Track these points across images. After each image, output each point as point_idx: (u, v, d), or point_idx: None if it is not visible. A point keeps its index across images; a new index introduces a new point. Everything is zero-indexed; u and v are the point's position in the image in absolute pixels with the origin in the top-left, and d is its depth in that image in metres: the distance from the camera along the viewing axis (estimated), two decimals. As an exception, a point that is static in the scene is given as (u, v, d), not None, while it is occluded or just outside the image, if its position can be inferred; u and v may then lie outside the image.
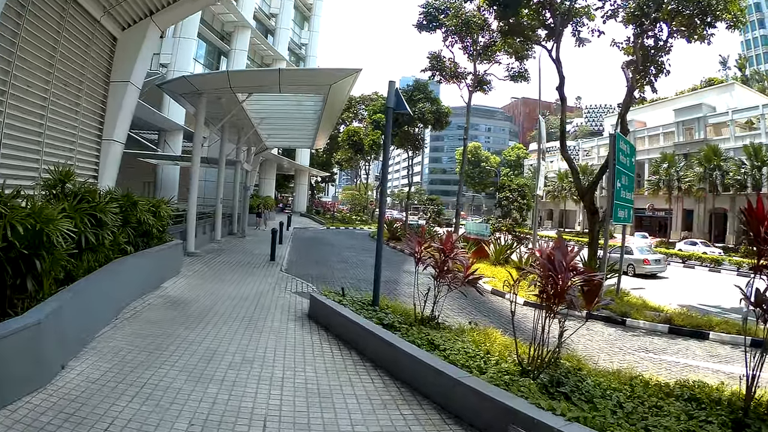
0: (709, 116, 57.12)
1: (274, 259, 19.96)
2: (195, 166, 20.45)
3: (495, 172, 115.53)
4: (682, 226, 57.70)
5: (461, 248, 10.52)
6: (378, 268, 11.08)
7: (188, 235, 19.47)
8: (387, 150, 10.98)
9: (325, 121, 26.87)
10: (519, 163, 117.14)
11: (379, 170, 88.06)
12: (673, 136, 60.18)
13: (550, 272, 6.41)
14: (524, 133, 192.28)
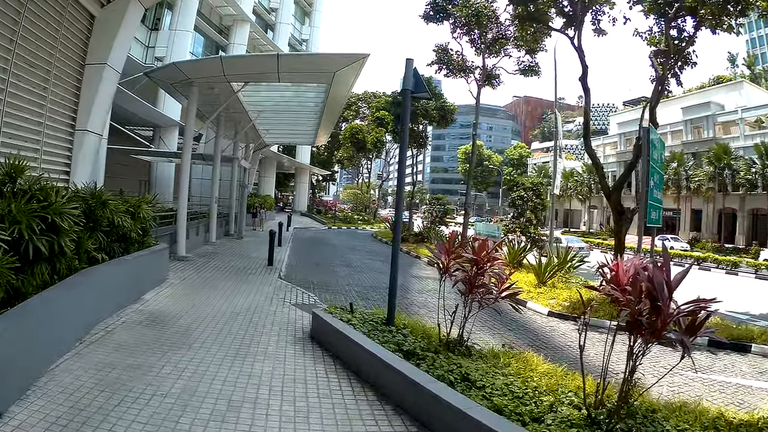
0: (718, 115, 56.10)
1: (272, 264, 18.25)
2: (185, 162, 18.80)
3: (497, 171, 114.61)
4: (691, 227, 56.65)
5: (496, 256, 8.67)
6: (394, 281, 9.35)
7: (178, 238, 17.80)
8: (405, 142, 9.26)
9: (327, 115, 25.19)
10: (522, 162, 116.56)
11: (382, 169, 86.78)
12: (681, 135, 59.15)
13: (647, 297, 4.67)
14: (526, 132, 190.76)
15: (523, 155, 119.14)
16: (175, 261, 17.17)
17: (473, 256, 8.13)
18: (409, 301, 15.10)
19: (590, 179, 70.22)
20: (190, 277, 14.66)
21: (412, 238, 33.87)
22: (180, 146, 33.80)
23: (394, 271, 9.27)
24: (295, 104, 26.03)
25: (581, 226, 73.89)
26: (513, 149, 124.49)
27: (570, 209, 79.04)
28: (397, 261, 9.38)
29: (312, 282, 16.86)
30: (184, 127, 19.32)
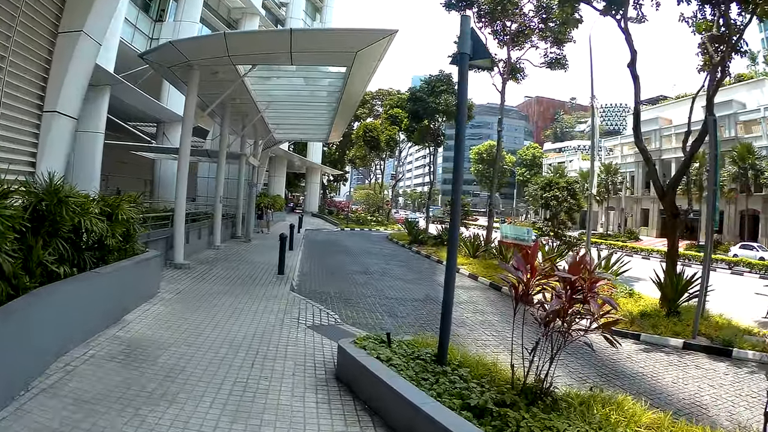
0: (740, 113, 54.50)
1: (282, 273, 15.96)
2: (183, 157, 16.48)
3: (510, 172, 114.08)
4: None
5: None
6: (447, 310, 7.09)
7: (175, 243, 15.55)
8: (462, 119, 6.96)
9: (343, 108, 22.84)
10: (535, 163, 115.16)
11: (395, 168, 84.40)
12: None
13: None
14: (539, 132, 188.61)
15: (536, 155, 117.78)
16: (171, 269, 14.95)
17: (568, 274, 5.78)
18: None
19: (608, 179, 68.88)
20: (186, 290, 12.35)
21: (431, 240, 31.97)
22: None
23: (448, 296, 7.05)
24: (307, 94, 23.94)
25: (598, 227, 71.26)
26: (526, 149, 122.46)
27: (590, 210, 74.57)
28: (453, 284, 7.11)
29: (329, 294, 14.62)
30: (183, 118, 16.95)
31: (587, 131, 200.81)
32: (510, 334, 11.50)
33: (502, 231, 25.46)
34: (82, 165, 21.43)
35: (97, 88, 22.33)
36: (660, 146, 63.21)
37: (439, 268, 22.75)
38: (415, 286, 17.45)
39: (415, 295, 15.53)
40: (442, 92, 42.30)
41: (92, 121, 22.04)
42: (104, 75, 21.05)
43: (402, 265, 22.98)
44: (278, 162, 54.57)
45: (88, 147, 21.93)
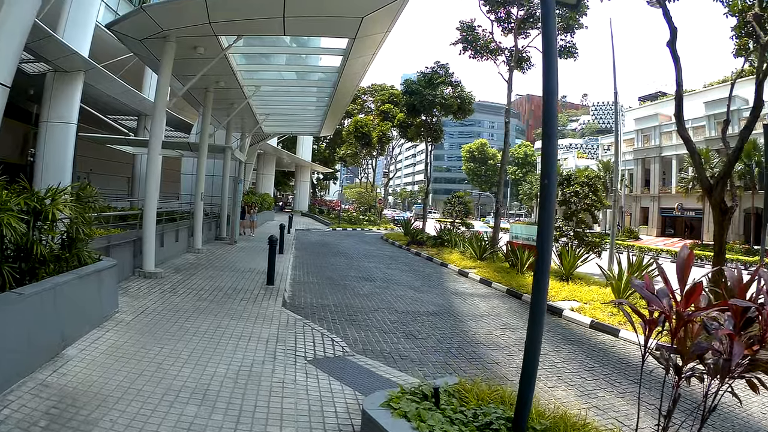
0: (743, 109, 51.37)
1: (272, 283, 13.48)
2: (154, 148, 14.02)
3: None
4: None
5: None
6: (533, 355, 4.57)
7: (144, 247, 13.02)
8: (552, 83, 4.58)
9: (341, 93, 20.44)
10: (527, 161, 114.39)
11: (387, 166, 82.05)
12: (704, 131, 55.39)
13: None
14: (530, 130, 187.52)
15: (528, 154, 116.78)
16: (139, 279, 12.49)
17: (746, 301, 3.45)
18: (472, 337, 10.51)
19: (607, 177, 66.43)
20: (153, 309, 9.87)
21: (431, 241, 30.00)
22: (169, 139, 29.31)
23: (533, 345, 4.55)
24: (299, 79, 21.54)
25: (596, 226, 69.15)
26: (518, 148, 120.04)
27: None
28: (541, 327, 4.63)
29: (329, 308, 12.27)
30: (155, 101, 14.34)
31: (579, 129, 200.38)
32: (558, 359, 9.29)
33: (512, 231, 23.66)
34: (51, 159, 19.67)
35: (69, 75, 20.36)
36: (660, 143, 62.12)
37: (445, 273, 20.74)
38: (425, 295, 15.17)
39: (428, 308, 13.24)
40: (439, 84, 40.04)
41: (63, 110, 20.13)
42: (77, 60, 19.16)
43: (405, 269, 20.82)
44: (267, 159, 52.16)
45: (58, 139, 20.02)
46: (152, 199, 13.26)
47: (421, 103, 39.19)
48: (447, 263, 22.38)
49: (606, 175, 66.45)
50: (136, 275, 12.80)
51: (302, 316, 10.65)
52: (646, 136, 64.92)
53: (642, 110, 71.27)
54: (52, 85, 20.40)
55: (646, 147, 64.28)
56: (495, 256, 23.12)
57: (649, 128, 63.55)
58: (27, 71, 22.65)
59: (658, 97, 79.77)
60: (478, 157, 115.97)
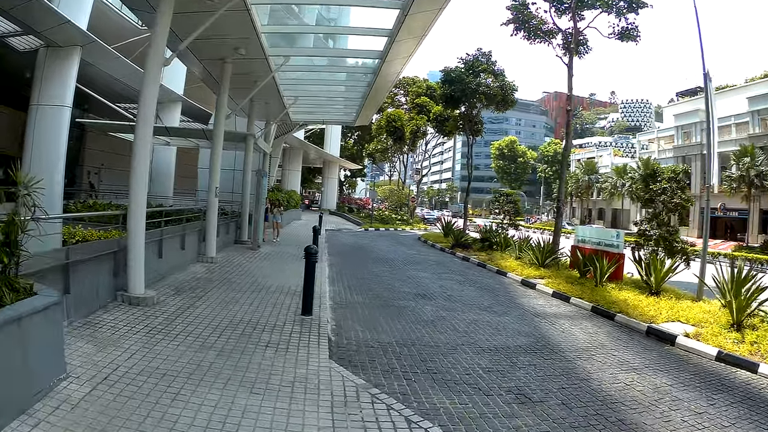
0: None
1: (310, 312, 9.65)
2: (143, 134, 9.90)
3: (532, 168, 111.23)
4: (759, 228, 50.17)
5: None
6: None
7: (130, 261, 9.22)
8: None
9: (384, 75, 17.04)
10: (557, 159, 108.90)
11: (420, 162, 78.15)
12: (748, 127, 52.36)
13: None
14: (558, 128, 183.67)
15: (558, 151, 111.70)
16: (120, 308, 8.78)
17: None
18: (599, 391, 7.15)
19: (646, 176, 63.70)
20: (123, 373, 6.09)
21: (477, 244, 26.70)
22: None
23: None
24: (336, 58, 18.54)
25: (631, 226, 66.05)
26: (547, 145, 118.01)
27: (622, 209, 74.68)
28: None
29: (393, 350, 8.62)
30: (146, 58, 10.29)
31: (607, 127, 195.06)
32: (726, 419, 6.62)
33: (578, 234, 20.55)
34: (42, 147, 16.74)
35: (64, 51, 17.27)
36: (701, 140, 58.24)
37: (507, 284, 17.64)
38: (502, 318, 11.81)
39: (516, 339, 9.99)
40: (481, 72, 36.14)
41: (56, 91, 17.12)
42: (72, 31, 16.17)
43: (460, 280, 17.43)
44: (293, 154, 48.52)
45: (50, 124, 17.05)
46: (139, 194, 9.44)
47: (463, 92, 35.41)
48: (505, 271, 19.49)
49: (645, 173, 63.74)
50: (118, 300, 9.11)
51: (363, 375, 7.07)
52: (687, 133, 61.97)
53: (681, 106, 67.91)
54: (44, 63, 17.33)
55: (687, 144, 61.22)
56: (558, 263, 20.30)
57: (690, 125, 60.58)
58: (18, 48, 19.57)
59: (698, 92, 76.10)
60: (507, 154, 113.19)
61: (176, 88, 27.55)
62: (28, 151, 17.04)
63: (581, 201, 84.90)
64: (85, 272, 8.14)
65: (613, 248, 17.78)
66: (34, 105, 16.93)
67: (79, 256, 8.00)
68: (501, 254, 23.39)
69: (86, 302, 8.23)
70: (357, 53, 17.16)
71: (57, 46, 17.22)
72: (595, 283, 15.87)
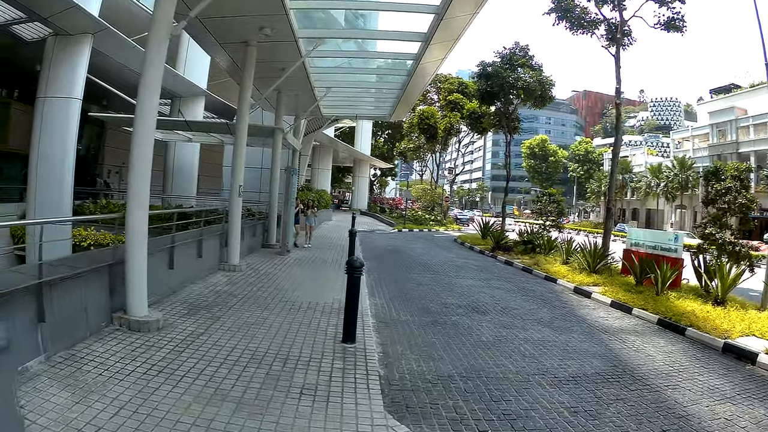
0: None
1: (353, 339, 7.73)
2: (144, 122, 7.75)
3: (563, 167, 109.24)
4: None
5: None
6: None
7: (129, 277, 7.35)
8: None
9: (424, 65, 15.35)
10: (588, 158, 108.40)
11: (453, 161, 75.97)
12: None
13: None
14: (587, 127, 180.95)
15: (589, 151, 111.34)
16: (116, 334, 7.02)
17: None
18: None
19: (682, 175, 63.98)
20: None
21: (519, 246, 25.09)
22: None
23: None
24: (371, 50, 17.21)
25: (667, 227, 66.26)
26: (578, 144, 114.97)
27: (657, 209, 72.24)
28: None
29: (457, 387, 6.89)
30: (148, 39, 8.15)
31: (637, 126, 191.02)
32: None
33: (631, 236, 19.02)
34: (48, 143, 15.81)
35: (72, 39, 16.14)
36: (737, 138, 57.04)
37: (559, 291, 16.19)
38: (566, 336, 10.30)
39: (590, 364, 8.47)
40: (518, 66, 34.07)
41: (65, 82, 16.06)
42: (81, 18, 15.12)
43: (509, 288, 15.93)
44: (323, 152, 46.88)
45: (57, 118, 15.92)
46: (139, 194, 7.52)
47: (501, 87, 33.26)
48: (554, 277, 18.08)
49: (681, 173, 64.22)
50: (114, 324, 7.33)
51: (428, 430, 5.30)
52: (722, 131, 59.85)
53: (716, 103, 65.73)
54: (53, 52, 16.22)
55: (722, 143, 59.16)
56: (610, 268, 18.90)
57: (725, 123, 58.54)
58: (26, 38, 18.14)
59: (732, 89, 73.67)
60: (538, 153, 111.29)
61: (199, 81, 26.17)
62: (35, 148, 15.68)
63: (615, 200, 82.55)
64: (68, 292, 6.40)
65: (671, 252, 16.24)
66: (40, 97, 15.81)
67: (60, 272, 6.22)
68: (545, 258, 21.99)
69: (70, 329, 6.50)
70: (397, 35, 15.25)
71: (66, 34, 16.06)
72: (656, 291, 14.45)
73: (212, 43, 14.28)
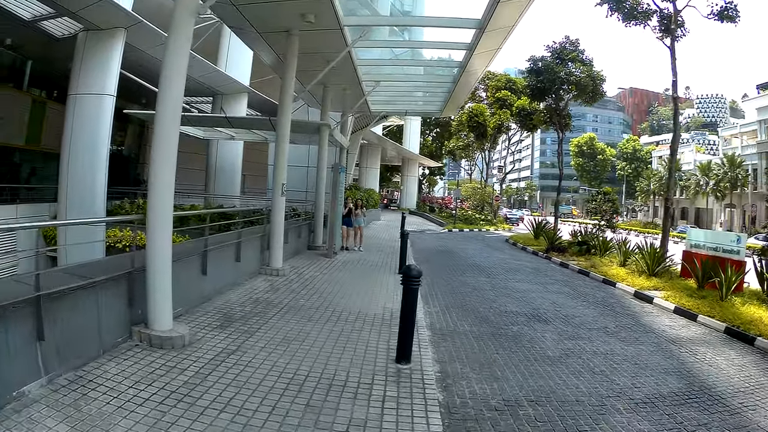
0: None
1: (407, 359, 6.64)
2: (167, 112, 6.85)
3: (611, 166, 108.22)
4: None
5: None
6: None
7: (150, 287, 6.40)
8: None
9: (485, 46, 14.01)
10: (635, 157, 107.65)
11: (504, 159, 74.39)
12: None
13: None
14: (634, 125, 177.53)
15: (636, 149, 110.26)
16: (141, 351, 6.16)
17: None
18: None
19: (731, 173, 62.38)
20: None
21: (574, 247, 23.94)
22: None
23: None
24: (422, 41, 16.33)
25: (716, 226, 64.55)
26: (626, 142, 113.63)
27: (707, 208, 70.55)
28: None
29: (525, 419, 5.87)
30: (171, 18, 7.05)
31: (684, 123, 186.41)
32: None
33: (690, 237, 18.00)
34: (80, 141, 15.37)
35: (103, 34, 15.66)
36: None
37: (619, 296, 15.16)
38: (634, 348, 9.36)
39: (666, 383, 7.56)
40: (568, 60, 32.79)
41: (95, 80, 15.61)
42: (113, 12, 14.65)
43: (568, 293, 14.90)
44: (371, 151, 46.01)
45: (89, 116, 15.41)
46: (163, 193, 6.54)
47: (552, 82, 32.31)
48: (613, 281, 17.04)
49: (730, 171, 62.74)
50: (134, 339, 6.44)
51: None
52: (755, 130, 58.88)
53: (763, 99, 63.42)
54: (84, 48, 15.75)
55: None
56: (669, 271, 17.89)
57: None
58: (56, 35, 17.67)
59: None
60: (587, 152, 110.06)
61: (242, 78, 25.50)
62: (66, 146, 15.10)
63: (664, 200, 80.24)
64: (76, 303, 5.52)
65: (733, 255, 15.21)
66: (72, 95, 15.37)
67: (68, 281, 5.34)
68: (601, 259, 21.23)
69: (79, 346, 5.65)
70: (448, 21, 14.08)
71: (97, 29, 15.59)
72: (720, 296, 13.62)
73: (251, 33, 13.39)
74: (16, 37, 19.18)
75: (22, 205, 17.88)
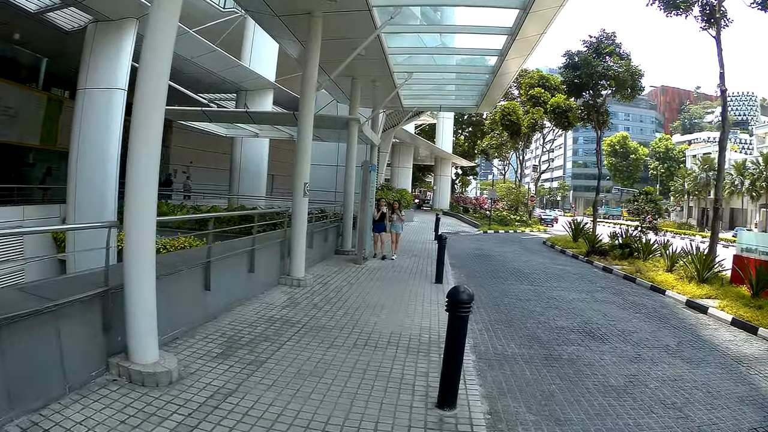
0: None
1: (453, 404, 5.22)
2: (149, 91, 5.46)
3: (643, 166, 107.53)
4: None
5: None
6: None
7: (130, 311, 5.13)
8: None
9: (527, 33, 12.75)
10: (668, 156, 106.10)
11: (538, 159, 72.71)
12: None
13: None
14: (666, 123, 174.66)
15: (669, 148, 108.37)
16: (117, 389, 4.89)
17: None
18: None
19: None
20: None
21: (616, 251, 22.75)
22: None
23: None
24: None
25: (752, 227, 61.54)
26: (658, 141, 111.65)
27: (743, 208, 68.82)
28: None
29: None
30: None
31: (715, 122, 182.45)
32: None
33: (742, 241, 16.73)
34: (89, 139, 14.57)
35: (113, 24, 14.89)
36: None
37: (671, 305, 13.99)
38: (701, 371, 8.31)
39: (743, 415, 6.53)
40: (605, 55, 31.34)
41: (104, 73, 14.82)
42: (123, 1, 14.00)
43: (620, 302, 13.74)
44: (403, 150, 44.92)
45: (98, 111, 14.61)
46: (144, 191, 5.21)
47: (590, 77, 30.84)
48: (662, 288, 15.98)
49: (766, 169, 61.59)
50: (112, 373, 5.18)
51: None
52: None
53: None
54: (93, 40, 14.97)
55: None
56: (718, 276, 16.87)
57: None
58: (65, 28, 16.80)
59: None
60: (619, 151, 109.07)
61: (267, 73, 24.55)
62: (75, 144, 14.18)
63: (698, 200, 78.03)
64: (30, 332, 4.25)
65: None
66: (81, 89, 14.53)
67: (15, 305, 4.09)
68: (645, 264, 20.22)
69: (39, 383, 4.38)
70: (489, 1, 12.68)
71: (107, 20, 14.78)
72: None
73: (271, 18, 12.13)
74: (24, 32, 18.54)
75: (30, 207, 17.05)
